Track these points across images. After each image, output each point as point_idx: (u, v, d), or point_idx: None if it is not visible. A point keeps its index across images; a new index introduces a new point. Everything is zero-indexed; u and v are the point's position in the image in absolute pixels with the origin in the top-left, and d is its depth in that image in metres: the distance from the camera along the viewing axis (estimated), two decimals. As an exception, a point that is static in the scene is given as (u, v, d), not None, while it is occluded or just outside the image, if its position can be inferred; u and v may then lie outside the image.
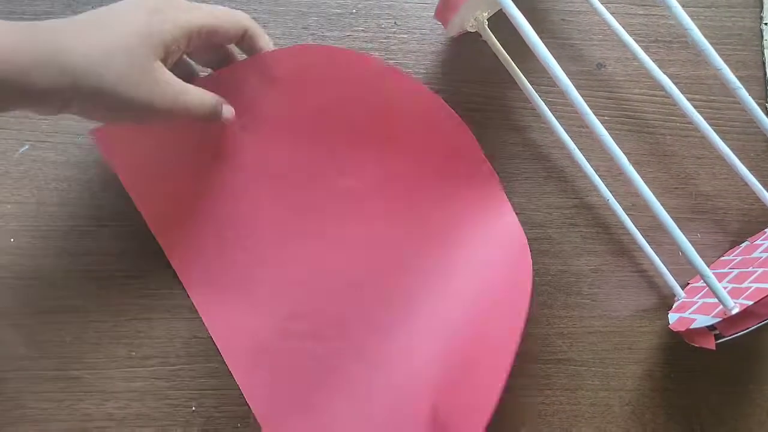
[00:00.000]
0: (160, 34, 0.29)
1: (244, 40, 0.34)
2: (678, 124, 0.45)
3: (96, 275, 0.40)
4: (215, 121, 0.34)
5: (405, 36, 0.44)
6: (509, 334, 0.30)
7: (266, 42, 0.35)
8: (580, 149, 0.42)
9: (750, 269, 0.37)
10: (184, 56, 0.35)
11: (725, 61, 0.37)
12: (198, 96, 0.32)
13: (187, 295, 0.39)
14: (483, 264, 0.34)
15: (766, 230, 0.43)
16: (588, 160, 0.42)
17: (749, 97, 0.37)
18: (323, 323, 0.31)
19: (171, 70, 0.31)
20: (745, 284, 0.35)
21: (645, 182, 0.34)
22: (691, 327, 0.36)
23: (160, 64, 0.30)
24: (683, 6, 0.37)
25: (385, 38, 0.44)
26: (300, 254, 0.34)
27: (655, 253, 0.42)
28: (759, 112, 0.37)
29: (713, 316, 0.35)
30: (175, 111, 0.30)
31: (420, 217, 0.35)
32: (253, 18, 0.34)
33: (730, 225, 0.44)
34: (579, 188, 0.44)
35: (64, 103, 0.28)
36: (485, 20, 0.42)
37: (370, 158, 0.36)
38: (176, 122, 0.32)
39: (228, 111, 0.35)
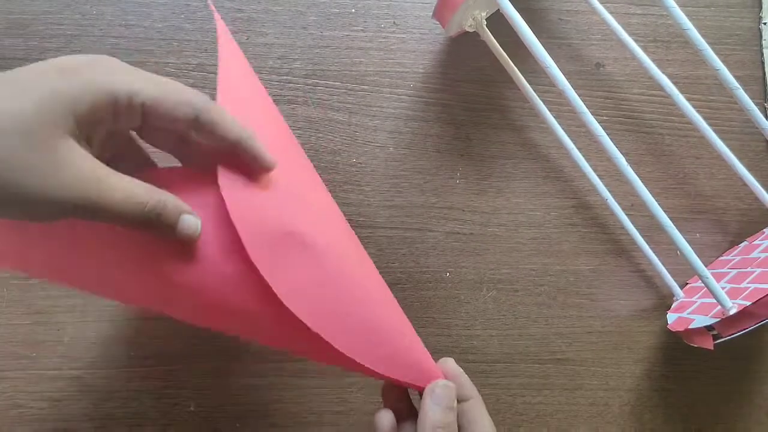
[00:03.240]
0: (69, 99, 0.21)
1: (199, 127, 0.25)
2: (677, 124, 0.45)
3: (94, 275, 0.40)
4: (153, 229, 0.24)
5: (404, 36, 0.44)
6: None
7: (230, 130, 0.25)
8: (578, 149, 0.42)
9: (748, 269, 0.37)
10: (134, 139, 0.27)
11: (724, 60, 0.37)
12: (124, 188, 0.23)
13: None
14: None
15: (764, 230, 0.43)
16: (587, 160, 0.42)
17: (747, 97, 0.37)
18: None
19: (106, 156, 0.24)
20: (744, 284, 0.35)
21: (643, 182, 0.34)
22: (690, 327, 0.36)
23: (72, 142, 0.21)
24: (682, 6, 0.37)
25: (384, 38, 0.44)
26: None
27: (654, 252, 0.42)
28: (757, 112, 0.38)
29: (711, 317, 0.35)
30: (86, 206, 0.22)
31: None
32: (250, 18, 0.33)
33: (728, 225, 0.44)
34: (577, 188, 0.44)
35: None
36: (484, 20, 0.42)
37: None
38: (99, 224, 0.24)
39: (189, 224, 0.25)
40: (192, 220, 0.25)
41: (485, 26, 0.42)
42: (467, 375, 0.30)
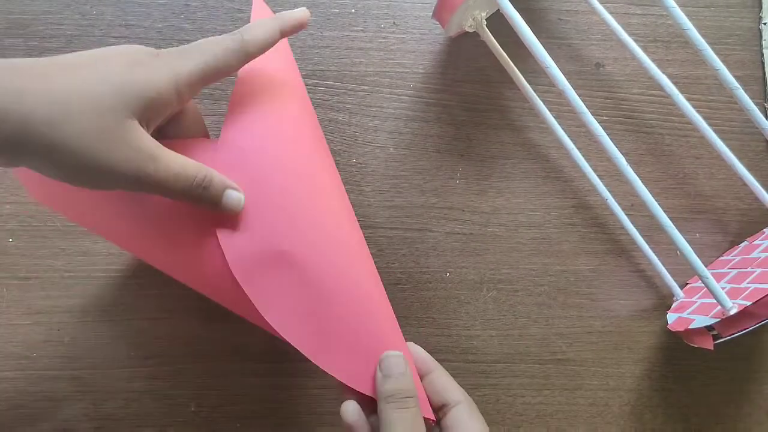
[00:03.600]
0: (140, 89, 0.25)
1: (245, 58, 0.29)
2: (676, 124, 0.45)
3: (95, 275, 0.40)
4: (199, 202, 0.27)
5: (404, 36, 0.44)
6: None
7: (265, 38, 0.29)
8: (578, 149, 0.42)
9: (749, 269, 0.37)
10: (193, 108, 0.31)
11: (724, 60, 0.37)
12: (177, 165, 0.26)
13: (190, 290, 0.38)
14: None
15: (764, 230, 0.43)
16: (587, 160, 0.42)
17: (747, 97, 0.37)
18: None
19: (167, 127, 0.29)
20: (744, 284, 0.35)
21: (643, 182, 0.34)
22: (690, 327, 0.36)
23: (135, 123, 0.25)
24: (682, 6, 0.37)
25: (383, 38, 0.44)
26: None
27: (654, 253, 0.42)
28: (757, 112, 0.38)
29: (712, 317, 0.35)
30: (141, 179, 0.25)
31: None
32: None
33: (728, 225, 0.44)
34: (577, 188, 0.44)
35: (13, 157, 0.23)
36: (483, 20, 0.42)
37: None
38: (151, 197, 0.27)
39: (232, 198, 0.28)
40: (235, 194, 0.28)
41: (485, 26, 0.42)
42: (467, 375, 0.30)
